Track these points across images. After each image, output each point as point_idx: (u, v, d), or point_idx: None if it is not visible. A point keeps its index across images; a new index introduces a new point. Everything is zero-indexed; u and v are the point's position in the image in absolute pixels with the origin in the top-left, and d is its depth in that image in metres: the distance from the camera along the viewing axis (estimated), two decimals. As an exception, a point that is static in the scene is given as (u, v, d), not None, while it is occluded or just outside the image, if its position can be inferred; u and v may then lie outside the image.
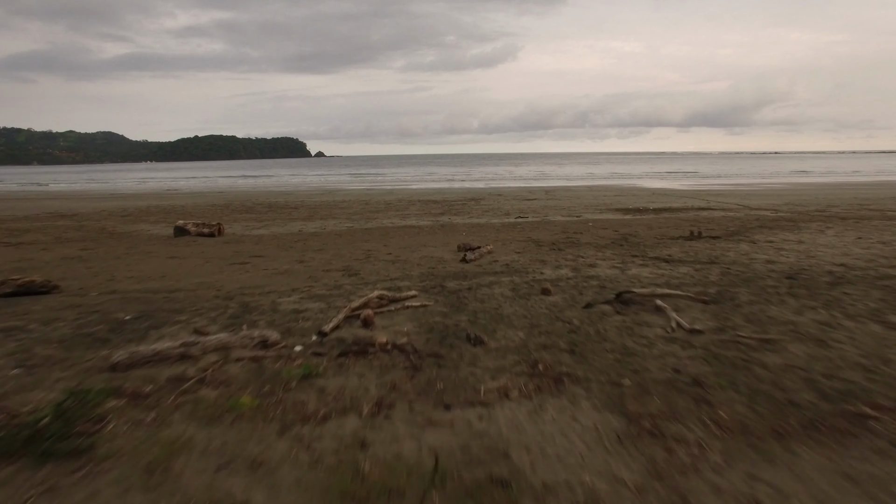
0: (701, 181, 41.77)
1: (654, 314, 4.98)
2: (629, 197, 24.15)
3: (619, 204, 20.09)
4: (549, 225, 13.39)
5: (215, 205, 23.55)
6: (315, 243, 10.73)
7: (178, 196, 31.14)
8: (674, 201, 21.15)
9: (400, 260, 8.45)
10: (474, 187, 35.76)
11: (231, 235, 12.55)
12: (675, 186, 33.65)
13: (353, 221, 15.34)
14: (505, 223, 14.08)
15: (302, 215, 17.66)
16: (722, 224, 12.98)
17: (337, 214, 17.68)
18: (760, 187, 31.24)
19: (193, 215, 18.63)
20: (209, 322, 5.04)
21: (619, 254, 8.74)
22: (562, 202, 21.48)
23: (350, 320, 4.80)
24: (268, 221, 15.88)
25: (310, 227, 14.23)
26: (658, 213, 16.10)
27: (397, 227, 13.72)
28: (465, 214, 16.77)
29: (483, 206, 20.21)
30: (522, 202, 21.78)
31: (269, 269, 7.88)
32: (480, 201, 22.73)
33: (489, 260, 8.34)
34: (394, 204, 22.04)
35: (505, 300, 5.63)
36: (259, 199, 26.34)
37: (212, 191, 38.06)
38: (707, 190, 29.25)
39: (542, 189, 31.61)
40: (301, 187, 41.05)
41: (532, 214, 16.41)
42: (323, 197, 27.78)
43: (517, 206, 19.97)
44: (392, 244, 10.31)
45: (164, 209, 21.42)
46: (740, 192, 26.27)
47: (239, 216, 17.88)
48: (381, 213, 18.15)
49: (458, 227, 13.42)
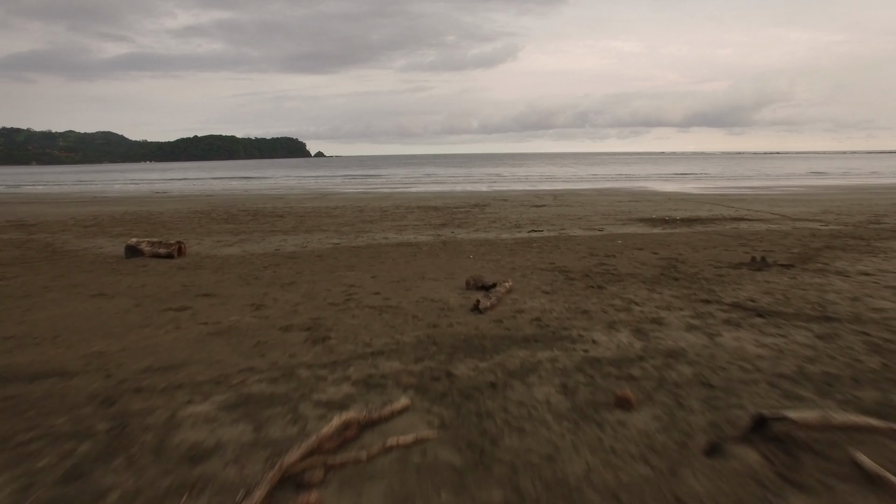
0: (713, 183, 39.68)
1: (861, 486, 2.61)
2: (645, 203, 22.04)
3: (638, 212, 17.98)
4: (570, 243, 11.25)
5: (197, 212, 21.45)
6: (287, 272, 8.57)
7: (162, 200, 29.04)
8: (697, 208, 19.04)
9: (389, 307, 6.23)
10: (477, 190, 33.65)
11: (193, 257, 10.42)
12: (689, 190, 31.53)
13: (342, 236, 13.22)
14: (518, 240, 11.94)
15: (286, 226, 15.54)
16: (777, 243, 10.83)
17: (325, 225, 15.56)
18: (782, 191, 29.09)
19: (167, 225, 16.53)
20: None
21: (682, 295, 6.53)
22: (574, 209, 19.37)
23: (284, 484, 2.61)
24: (245, 235, 13.76)
25: (290, 243, 12.10)
26: (690, 226, 13.98)
27: (391, 244, 11.58)
28: (470, 226, 14.64)
29: (489, 214, 18.10)
30: (531, 209, 19.68)
31: (208, 324, 5.68)
32: (485, 208, 20.63)
33: (511, 308, 6.10)
34: (390, 211, 19.93)
35: (559, 427, 3.30)
36: (246, 205, 24.24)
37: (201, 194, 35.99)
38: (726, 194, 27.14)
39: (549, 193, 29.51)
40: (294, 190, 38.96)
41: (546, 226, 14.28)
42: (315, 202, 25.67)
43: (527, 214, 17.86)
44: (382, 275, 8.16)
45: (138, 217, 19.31)
46: (764, 198, 24.14)
47: (215, 227, 15.77)
48: (374, 223, 16.04)
49: (463, 245, 11.29)
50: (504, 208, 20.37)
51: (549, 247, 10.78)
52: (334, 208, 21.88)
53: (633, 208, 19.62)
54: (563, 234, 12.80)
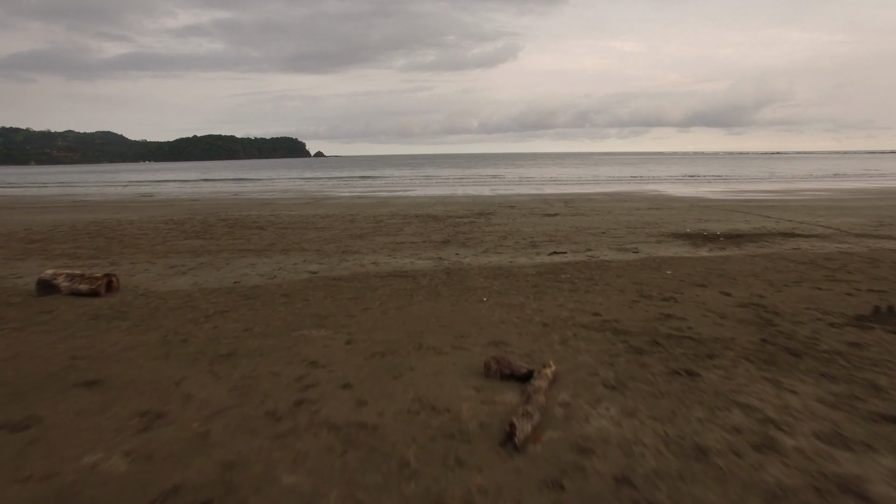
0: (728, 186, 37.34)
1: None
2: (668, 211, 19.69)
3: (666, 223, 15.63)
4: (607, 273, 8.85)
5: (172, 221, 19.10)
6: (232, 328, 6.13)
7: (141, 206, 26.68)
8: (730, 218, 16.70)
9: (362, 430, 3.74)
10: (480, 194, 31.30)
11: (127, 293, 8.04)
12: (706, 194, 29.17)
13: (323, 259, 10.85)
14: (539, 267, 9.56)
15: (262, 243, 13.18)
16: (875, 275, 8.38)
17: (308, 242, 13.20)
18: (808, 196, 26.72)
19: (126, 241, 14.14)
20: None
21: (832, 399, 4.07)
22: (592, 220, 17.03)
23: None
24: (208, 256, 11.38)
25: (258, 270, 9.73)
26: (739, 245, 11.62)
27: (382, 274, 9.19)
28: (477, 244, 12.27)
29: (497, 226, 15.75)
30: (544, 220, 17.33)
31: (31, 479, 3.33)
32: (491, 217, 18.28)
33: (566, 436, 3.61)
34: (384, 221, 17.58)
35: None
36: (228, 213, 21.88)
37: (188, 198, 33.64)
38: (749, 199, 24.78)
39: (557, 198, 27.15)
40: (287, 194, 36.59)
41: (568, 245, 11.91)
42: (304, 208, 23.30)
43: (540, 226, 15.50)
44: (362, 337, 5.71)
45: (101, 228, 16.96)
46: (795, 204, 21.78)
47: (180, 244, 13.41)
48: (365, 238, 13.68)
49: (472, 275, 8.91)
50: (513, 218, 18.03)
51: (583, 279, 8.41)
52: (323, 217, 19.54)
53: (658, 218, 17.28)
54: (592, 257, 10.43)
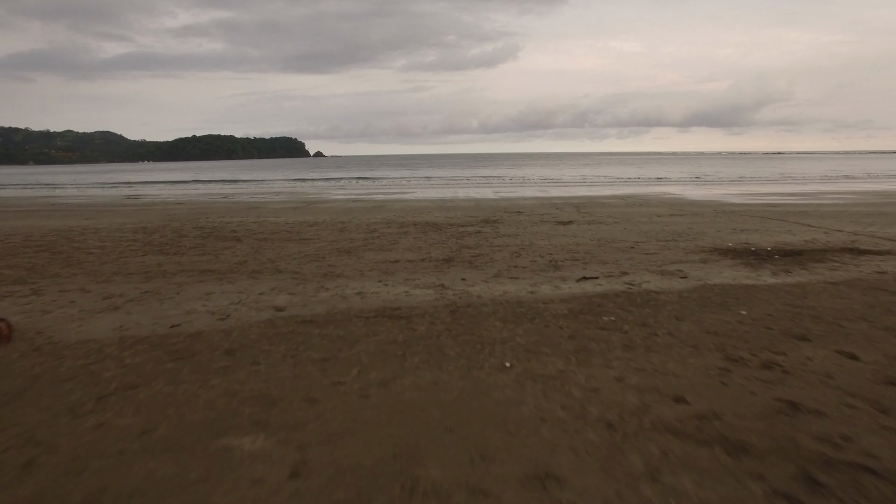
0: (743, 188, 35.20)
1: None
2: (694, 218, 17.57)
3: (702, 236, 13.51)
4: (662, 313, 6.64)
5: (142, 229, 16.99)
6: (121, 429, 3.88)
7: (117, 211, 24.56)
8: (769, 228, 14.59)
9: None
10: (483, 197, 29.17)
11: (18, 345, 5.88)
12: (724, 197, 27.03)
13: (297, 286, 8.71)
14: (570, 302, 7.39)
15: (231, 261, 11.04)
16: None
17: (284, 259, 11.07)
18: (840, 199, 24.52)
19: (74, 258, 11.97)
20: None
21: None
22: (614, 230, 14.91)
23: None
24: (158, 283, 9.23)
25: (210, 305, 7.57)
26: (805, 266, 9.49)
27: (366, 314, 7.02)
28: (487, 265, 10.13)
29: (506, 237, 13.63)
30: (559, 229, 15.21)
31: None
32: (499, 226, 16.17)
33: None
34: (378, 231, 15.46)
35: None
36: (209, 219, 19.77)
37: (174, 200, 31.52)
38: (774, 203, 22.65)
39: (567, 202, 25.03)
40: (279, 196, 34.44)
41: (598, 267, 9.74)
42: (292, 214, 21.18)
43: (557, 238, 13.38)
44: (320, 455, 3.49)
45: (57, 239, 14.82)
46: (828, 210, 19.63)
47: (135, 261, 11.28)
48: (353, 255, 11.57)
49: (485, 316, 6.74)
50: (523, 227, 15.90)
51: (635, 325, 6.25)
52: (311, 225, 17.42)
53: (687, 227, 15.17)
54: (632, 285, 8.30)
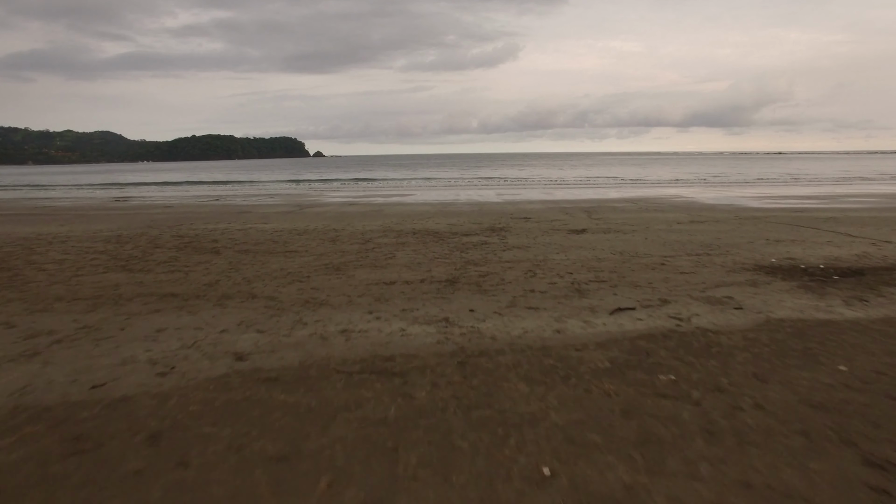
0: (763, 191, 33.62)
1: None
2: (717, 226, 16.00)
3: (735, 248, 11.93)
4: (733, 368, 4.97)
5: (115, 238, 15.42)
6: None
7: (98, 216, 22.98)
8: (811, 238, 13.02)
9: None
10: (486, 200, 27.60)
11: None
12: (746, 201, 25.43)
13: (270, 319, 7.12)
14: (609, 347, 5.78)
15: (199, 282, 9.45)
16: None
17: (262, 280, 9.47)
18: (870, 204, 22.90)
19: (21, 273, 10.39)
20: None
21: None
22: (635, 241, 13.33)
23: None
24: (104, 313, 7.62)
25: (155, 351, 5.85)
26: (878, 290, 7.97)
27: (350, 367, 5.39)
28: (498, 289, 8.52)
29: (516, 249, 12.06)
30: (572, 239, 13.64)
31: None
32: (506, 235, 14.60)
33: None
34: (374, 242, 13.89)
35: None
36: (191, 226, 18.21)
37: (162, 203, 29.96)
38: (804, 209, 21.07)
39: (576, 206, 23.46)
40: (272, 199, 32.87)
41: (629, 291, 8.15)
42: (282, 220, 19.60)
43: (574, 251, 11.79)
44: None
45: (15, 250, 13.19)
46: (870, 216, 17.97)
47: (90, 280, 9.70)
48: (342, 273, 10.00)
49: (506, 379, 5.07)
50: (532, 236, 14.33)
51: (710, 393, 4.59)
52: (301, 233, 15.85)
53: (714, 237, 13.60)
54: (678, 319, 6.71)
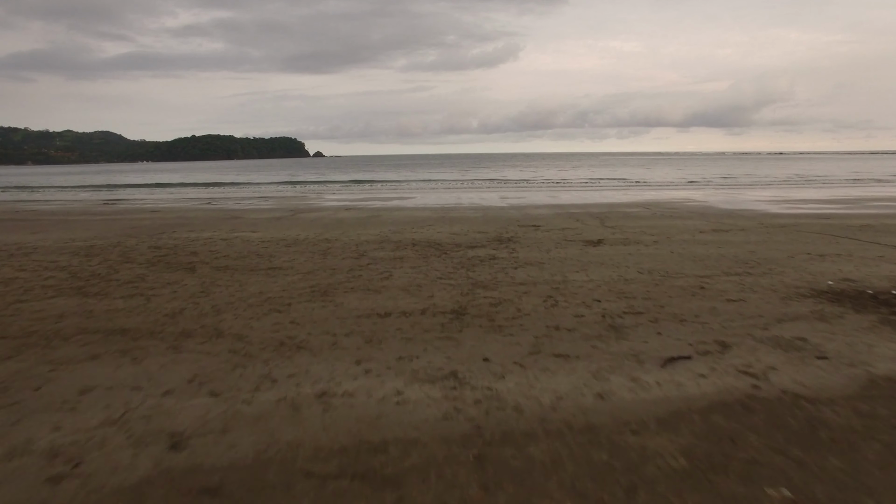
0: (778, 194, 32.10)
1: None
2: (744, 236, 14.48)
3: (777, 266, 10.40)
4: (860, 469, 3.50)
5: (85, 249, 13.94)
6: None
7: (78, 221, 21.50)
8: (858, 252, 11.48)
9: None
10: (490, 205, 26.11)
11: None
12: (766, 206, 23.91)
13: (232, 371, 5.55)
14: (671, 425, 4.10)
15: (159, 313, 7.91)
16: None
17: (234, 308, 7.94)
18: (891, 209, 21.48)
19: (8, 281, 9.02)
20: None
21: None
22: (661, 255, 11.84)
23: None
24: (30, 358, 6.05)
25: (58, 434, 4.23)
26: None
27: (325, 455, 3.68)
28: (515, 324, 6.96)
29: (529, 266, 10.54)
30: (591, 254, 12.14)
31: None
32: (516, 248, 13.11)
33: None
34: (369, 255, 12.39)
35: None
36: (173, 234, 16.72)
37: (150, 208, 28.48)
38: (831, 215, 19.55)
39: (585, 211, 21.97)
40: (265, 203, 31.39)
41: (674, 327, 6.59)
42: (273, 227, 18.11)
43: (595, 270, 10.27)
44: None
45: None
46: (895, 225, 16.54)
47: (31, 308, 8.18)
48: (330, 297, 8.49)
49: (540, 473, 3.55)
50: (545, 249, 12.83)
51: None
52: (291, 244, 14.37)
53: (750, 253, 12.08)
54: (756, 377, 5.15)
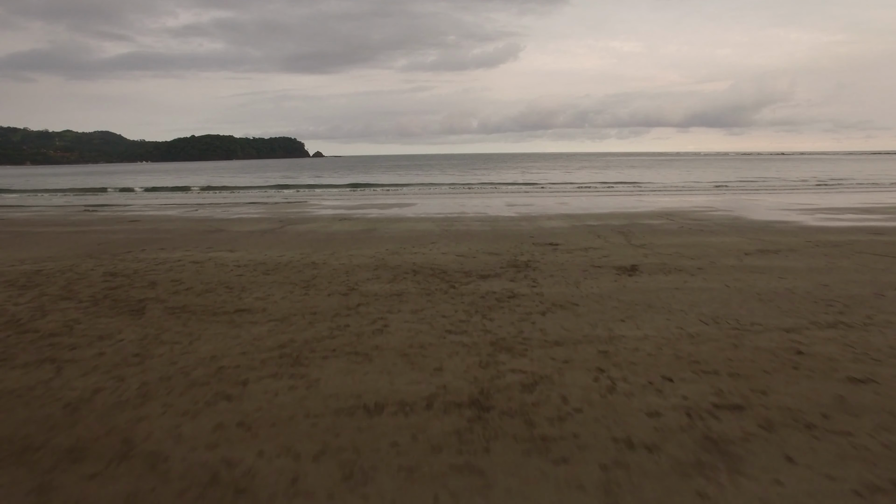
0: (803, 200, 29.66)
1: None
2: (793, 259, 12.04)
3: (870, 311, 8.06)
4: None
5: (32, 275, 11.61)
6: None
7: (47, 235, 19.17)
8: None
9: None
10: (498, 215, 23.77)
11: None
12: (795, 215, 21.48)
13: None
14: None
15: (38, 414, 5.40)
16: None
17: (159, 401, 5.28)
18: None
19: None
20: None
21: None
22: (710, 288, 9.43)
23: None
24: None
25: None
26: None
27: None
28: (559, 425, 4.31)
29: (559, 308, 8.15)
30: (629, 289, 9.73)
31: None
32: (537, 277, 10.73)
33: None
34: (360, 290, 9.97)
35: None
36: (137, 255, 14.38)
37: (130, 216, 26.16)
38: (877, 228, 17.21)
39: (604, 224, 19.63)
40: (254, 211, 29.08)
41: (803, 440, 3.98)
42: (253, 247, 15.73)
43: (644, 317, 7.81)
44: None
45: None
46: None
47: None
48: (302, 369, 6.01)
49: None
50: (574, 281, 10.44)
51: None
52: (269, 271, 12.02)
53: (825, 287, 9.68)
54: None
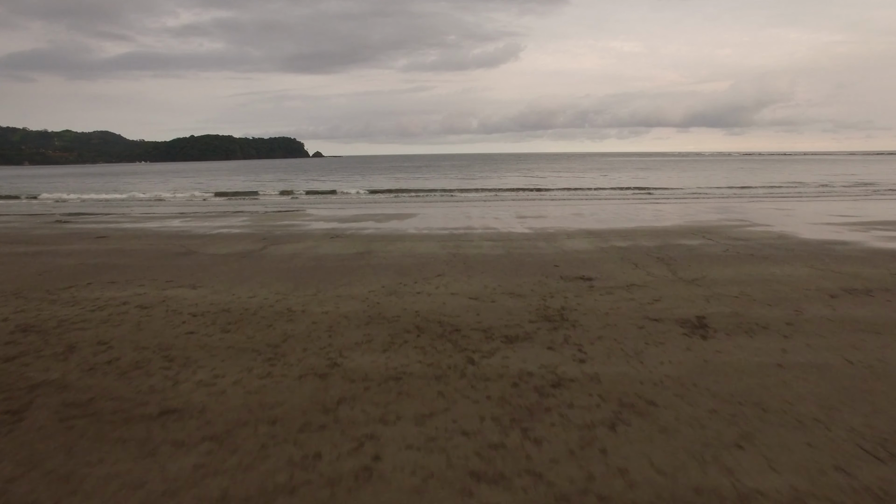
0: (846, 210, 26.80)
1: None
2: (885, 302, 9.40)
3: None
4: None
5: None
6: None
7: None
8: None
9: None
10: (511, 231, 20.97)
11: None
12: (857, 234, 18.63)
13: None
14: None
15: None
16: None
17: None
18: None
19: None
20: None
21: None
22: (819, 360, 6.59)
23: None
24: None
25: None
26: None
27: None
28: None
29: (625, 407, 5.37)
30: (711, 365, 6.92)
31: None
32: (578, 338, 7.93)
33: None
34: (343, 367, 7.06)
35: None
36: (75, 294, 11.56)
37: (99, 230, 23.39)
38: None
39: (636, 246, 16.83)
40: (236, 224, 26.29)
41: None
42: (218, 282, 12.88)
43: (758, 430, 4.85)
44: None
45: None
46: None
47: None
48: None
49: None
50: (633, 349, 7.63)
51: None
52: (231, 323, 9.22)
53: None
54: None
